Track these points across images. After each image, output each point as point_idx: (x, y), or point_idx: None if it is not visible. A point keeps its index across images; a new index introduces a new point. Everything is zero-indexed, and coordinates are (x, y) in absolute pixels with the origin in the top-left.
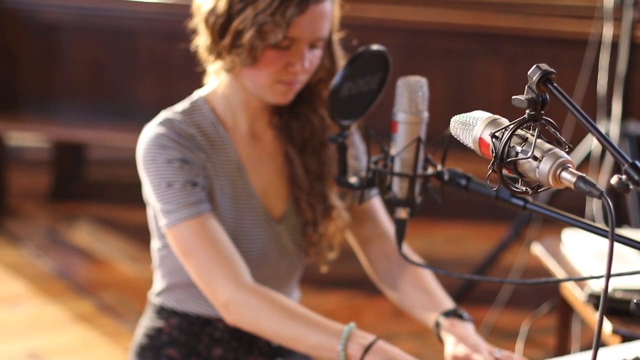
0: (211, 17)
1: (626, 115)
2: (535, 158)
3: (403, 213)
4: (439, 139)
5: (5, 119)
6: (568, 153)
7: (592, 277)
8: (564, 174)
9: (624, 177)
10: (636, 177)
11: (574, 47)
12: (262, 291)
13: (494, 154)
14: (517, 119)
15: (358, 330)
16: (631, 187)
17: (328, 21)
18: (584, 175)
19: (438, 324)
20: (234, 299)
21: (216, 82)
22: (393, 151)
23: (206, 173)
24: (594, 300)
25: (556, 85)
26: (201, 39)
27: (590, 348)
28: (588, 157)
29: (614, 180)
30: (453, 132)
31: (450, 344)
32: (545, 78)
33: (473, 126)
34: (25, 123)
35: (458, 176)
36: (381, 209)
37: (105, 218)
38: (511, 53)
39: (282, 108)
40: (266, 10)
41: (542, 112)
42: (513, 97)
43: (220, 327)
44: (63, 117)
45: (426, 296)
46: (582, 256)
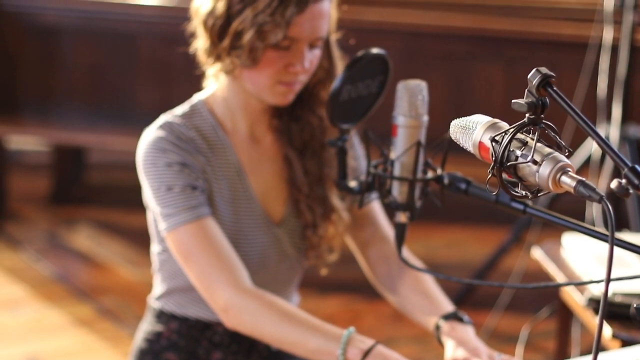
0: (210, 19)
1: (626, 118)
2: (535, 162)
3: (403, 217)
4: (439, 143)
5: (5, 123)
6: (568, 157)
7: (592, 282)
8: (564, 178)
9: (624, 181)
10: (636, 181)
11: (574, 51)
12: (262, 295)
13: (494, 158)
14: (517, 123)
15: (357, 334)
16: (631, 191)
17: (327, 20)
18: (584, 179)
19: (438, 328)
20: (233, 303)
21: (215, 85)
22: (393, 155)
23: (206, 176)
24: (594, 304)
25: (556, 88)
26: (200, 42)
27: (590, 352)
28: (588, 161)
29: (614, 184)
30: (453, 136)
31: (450, 348)
32: (545, 82)
33: (473, 130)
34: (25, 126)
35: (458, 180)
36: (381, 213)
37: (105, 222)
38: (511, 56)
39: (282, 111)
40: (265, 10)
41: (542, 116)
42: (513, 101)
43: (219, 331)
44: (63, 121)
45: (426, 300)
46: (582, 260)
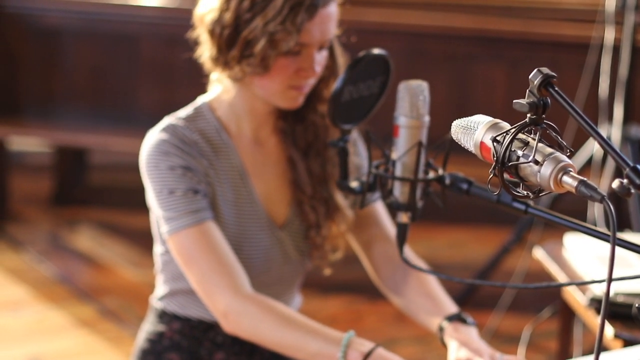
0: (217, 28)
1: (628, 119)
2: (536, 162)
3: (404, 217)
4: (440, 143)
5: (7, 124)
6: (569, 157)
7: (594, 281)
8: (565, 178)
9: (626, 181)
10: (637, 181)
11: (576, 51)
12: (261, 300)
13: (495, 158)
14: (518, 123)
15: (357, 337)
16: (633, 191)
17: (334, 22)
18: (585, 179)
19: (441, 329)
20: (233, 308)
21: (220, 88)
22: (394, 155)
23: (209, 180)
24: (596, 304)
25: (557, 89)
26: (205, 50)
27: (592, 352)
28: (590, 161)
29: (616, 184)
30: (454, 137)
31: (452, 349)
32: (546, 82)
33: (474, 130)
34: (27, 128)
35: (459, 180)
36: (384, 213)
37: (107, 223)
38: (513, 57)
39: (287, 112)
40: (276, 18)
41: (544, 116)
42: (514, 101)
43: (222, 332)
44: (65, 122)
45: (430, 301)
46: (584, 260)
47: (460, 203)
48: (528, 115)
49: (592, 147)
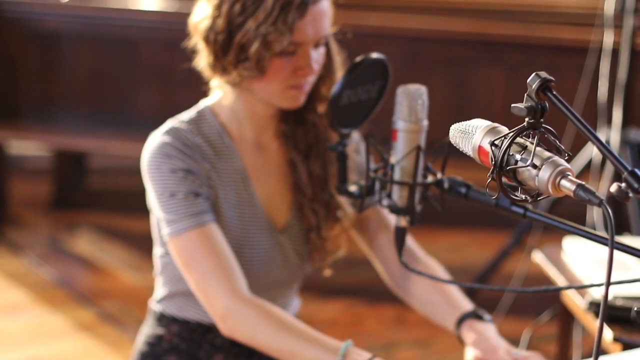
0: (211, 35)
1: (627, 122)
2: (534, 166)
3: (403, 221)
4: (439, 147)
5: (6, 128)
6: (568, 161)
7: (593, 285)
8: (564, 182)
9: (624, 185)
10: (636, 185)
11: (575, 55)
12: (260, 304)
13: (494, 162)
14: (517, 127)
15: (355, 347)
16: (631, 195)
17: (328, 18)
18: (584, 183)
19: (458, 326)
20: (231, 311)
21: (221, 92)
22: (393, 159)
23: (211, 183)
24: (595, 307)
25: (555, 93)
26: (203, 57)
27: (591, 356)
28: (589, 165)
29: (614, 188)
30: (452, 140)
31: (469, 346)
32: (544, 86)
33: (472, 134)
34: (26, 132)
35: (458, 184)
36: (387, 212)
37: (106, 227)
38: (511, 61)
39: (289, 114)
40: (267, 20)
41: (542, 120)
42: (512, 105)
43: (220, 335)
44: (64, 126)
45: (444, 298)
46: (583, 264)
47: (459, 207)
48: (526, 119)
49: (591, 151)
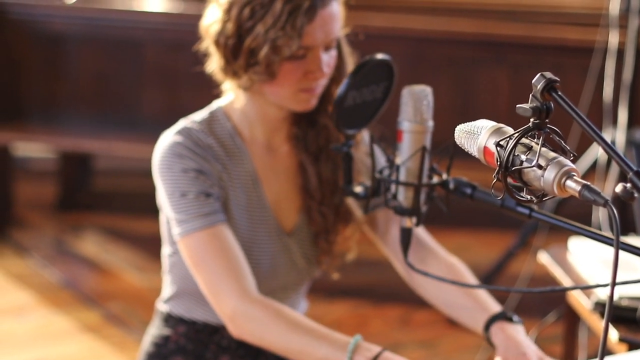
0: (221, 39)
1: (632, 123)
2: (540, 167)
3: (408, 222)
4: (444, 148)
5: (11, 130)
6: (573, 161)
7: (598, 285)
8: (569, 183)
9: (629, 186)
10: None
11: (580, 55)
12: (268, 303)
13: (499, 163)
14: (522, 128)
15: (364, 342)
16: (636, 195)
17: (338, 21)
18: (589, 183)
19: (487, 328)
20: (240, 311)
21: (234, 94)
22: (398, 160)
23: (222, 184)
24: (601, 308)
25: (560, 93)
26: (214, 61)
27: (596, 356)
28: (594, 165)
29: (619, 188)
30: (458, 141)
31: (500, 351)
32: (549, 86)
33: (478, 135)
34: (31, 133)
35: (463, 185)
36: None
37: (111, 228)
38: (516, 61)
39: (301, 117)
40: (276, 24)
41: (547, 121)
42: (517, 106)
43: (227, 336)
44: (69, 128)
45: (470, 299)
46: (589, 264)
47: (464, 207)
48: (531, 119)
49: (597, 152)
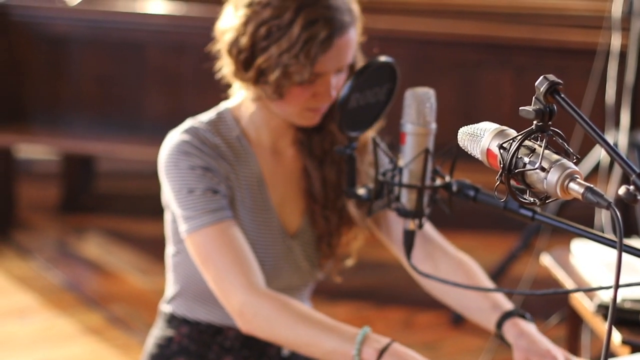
0: (234, 49)
1: (635, 125)
2: (543, 169)
3: (412, 224)
4: (447, 150)
5: (14, 132)
6: (576, 164)
7: (601, 288)
8: (572, 185)
9: (632, 188)
10: None
11: (582, 57)
12: (276, 297)
13: (502, 165)
14: (525, 130)
15: (373, 334)
16: (639, 198)
17: (353, 48)
18: (592, 186)
19: (500, 326)
20: (248, 306)
21: (242, 96)
22: (401, 162)
23: (229, 183)
24: (603, 310)
25: (563, 96)
26: (225, 64)
27: (599, 358)
28: (597, 168)
29: (622, 190)
30: (461, 144)
31: (519, 349)
32: (552, 89)
33: (481, 137)
34: (34, 135)
35: (466, 187)
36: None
37: (114, 230)
38: (519, 63)
39: None
40: (290, 50)
41: (550, 123)
42: (520, 108)
43: (230, 336)
44: (72, 130)
45: (480, 296)
46: (591, 267)
47: (467, 210)
48: (534, 122)
49: (599, 154)
